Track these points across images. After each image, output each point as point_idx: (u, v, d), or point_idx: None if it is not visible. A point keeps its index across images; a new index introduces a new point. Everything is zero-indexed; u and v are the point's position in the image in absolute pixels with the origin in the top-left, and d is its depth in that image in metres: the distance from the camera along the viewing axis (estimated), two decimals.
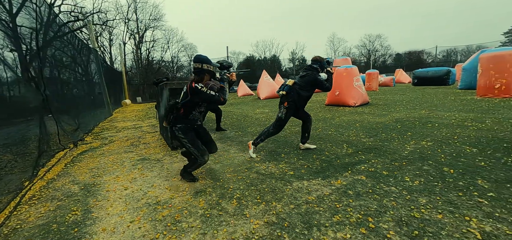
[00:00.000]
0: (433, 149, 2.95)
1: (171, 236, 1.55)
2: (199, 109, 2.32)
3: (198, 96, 2.14)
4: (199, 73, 2.20)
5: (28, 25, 4.37)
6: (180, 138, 2.26)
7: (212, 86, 2.21)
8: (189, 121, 2.29)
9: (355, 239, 1.42)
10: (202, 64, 2.18)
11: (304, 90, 3.07)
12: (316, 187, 2.13)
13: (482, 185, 2.00)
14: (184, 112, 2.25)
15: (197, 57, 2.20)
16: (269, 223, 1.63)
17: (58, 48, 6.08)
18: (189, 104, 2.21)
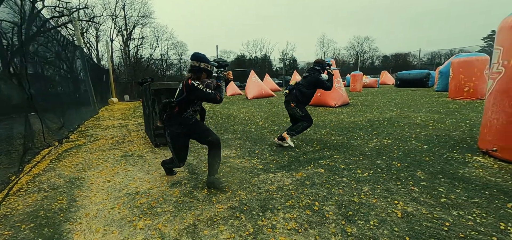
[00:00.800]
0: (390, 146, 3.33)
1: (146, 219, 1.81)
2: (194, 107, 2.27)
3: (194, 94, 2.09)
4: (196, 71, 2.16)
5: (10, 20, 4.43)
6: (168, 142, 2.31)
7: (208, 84, 2.17)
8: (183, 119, 2.24)
9: (299, 218, 1.73)
10: (200, 62, 2.15)
11: (307, 89, 3.45)
12: (279, 178, 2.44)
13: (419, 176, 2.37)
14: (179, 110, 2.20)
15: (195, 55, 2.17)
16: (231, 207, 1.92)
17: (42, 44, 6.12)
18: (184, 101, 2.17)
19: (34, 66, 5.54)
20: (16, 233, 1.71)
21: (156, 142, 4.06)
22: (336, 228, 1.60)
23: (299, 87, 3.45)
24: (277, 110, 7.90)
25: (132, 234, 1.64)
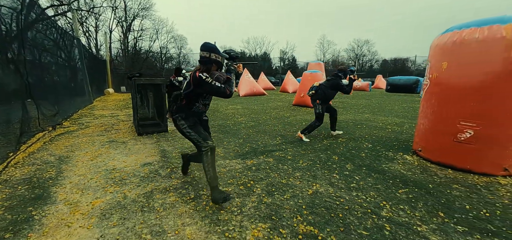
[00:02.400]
0: (340, 144, 3.87)
1: (115, 186, 2.34)
2: (203, 101, 2.15)
3: (202, 87, 1.96)
4: (206, 63, 2.04)
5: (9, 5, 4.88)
6: (181, 125, 2.09)
7: (218, 77, 2.04)
8: (193, 113, 2.13)
9: (233, 191, 2.27)
10: (210, 53, 2.03)
11: (329, 90, 4.11)
12: (232, 164, 2.97)
13: (347, 167, 2.90)
14: (187, 103, 2.10)
15: (205, 45, 2.06)
16: (184, 182, 2.45)
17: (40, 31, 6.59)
18: (191, 95, 2.05)
19: (32, 55, 6.03)
20: (14, 191, 2.24)
21: (139, 131, 4.58)
22: (256, 198, 2.14)
23: (323, 88, 4.13)
24: (262, 107, 8.42)
25: (102, 195, 2.17)
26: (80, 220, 1.80)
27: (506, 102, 2.43)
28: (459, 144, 2.71)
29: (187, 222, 1.79)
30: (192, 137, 2.09)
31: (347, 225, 1.76)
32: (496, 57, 2.41)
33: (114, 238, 1.60)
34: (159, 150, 3.55)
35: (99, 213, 1.89)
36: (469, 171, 2.69)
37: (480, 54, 2.48)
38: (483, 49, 2.46)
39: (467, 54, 2.57)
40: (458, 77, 2.69)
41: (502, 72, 2.40)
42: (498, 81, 2.43)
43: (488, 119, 2.52)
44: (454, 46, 2.68)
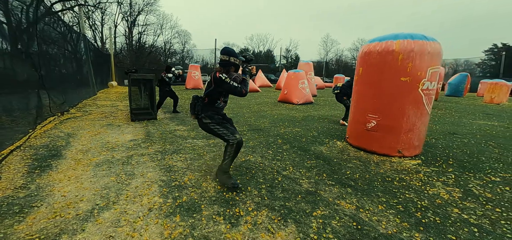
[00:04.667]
0: (293, 132, 4.78)
1: (107, 152, 3.33)
2: (224, 98, 2.42)
3: (222, 86, 2.23)
4: (226, 65, 2.31)
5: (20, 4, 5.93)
6: (208, 124, 2.36)
7: (235, 77, 2.31)
8: (215, 109, 2.39)
9: (188, 157, 3.22)
10: (229, 57, 2.29)
11: (349, 89, 5.31)
12: (197, 142, 3.93)
13: (284, 148, 3.81)
14: (209, 101, 2.35)
15: (226, 50, 2.33)
16: (156, 151, 3.43)
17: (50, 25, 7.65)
18: (213, 93, 2.32)
19: (44, 52, 7.11)
20: (37, 151, 3.26)
21: (132, 118, 5.59)
22: (202, 161, 3.09)
23: (346, 87, 5.57)
24: (248, 103, 9.35)
25: (98, 155, 3.17)
26: (81, 167, 2.79)
27: (397, 100, 3.30)
28: (368, 132, 3.59)
29: (150, 170, 2.76)
30: (219, 133, 2.35)
31: (254, 176, 2.69)
32: (389, 65, 3.28)
33: (101, 175, 2.58)
34: (145, 132, 4.54)
35: (94, 164, 2.89)
36: (375, 152, 3.57)
37: (379, 62, 3.36)
38: (381, 58, 3.33)
39: (372, 62, 3.45)
40: (367, 80, 3.57)
41: (393, 77, 3.27)
42: (390, 83, 3.30)
43: (385, 113, 3.40)
44: (365, 55, 3.56)
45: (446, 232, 1.83)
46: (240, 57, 2.40)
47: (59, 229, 1.72)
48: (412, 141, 3.40)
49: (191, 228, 1.78)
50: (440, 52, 3.24)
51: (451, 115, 7.85)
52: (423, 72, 3.16)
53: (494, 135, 5.14)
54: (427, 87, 3.23)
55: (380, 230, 1.84)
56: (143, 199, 2.16)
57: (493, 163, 3.39)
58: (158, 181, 2.53)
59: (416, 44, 3.11)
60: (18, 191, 2.23)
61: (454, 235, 1.81)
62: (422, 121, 3.37)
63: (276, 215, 1.97)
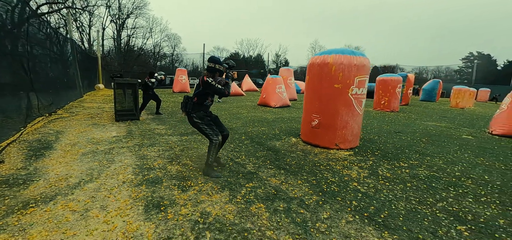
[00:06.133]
0: (261, 131, 5.54)
1: (92, 145, 3.98)
2: (211, 98, 2.93)
3: (208, 88, 2.74)
4: (212, 71, 2.80)
5: None
6: (198, 123, 2.85)
7: (219, 81, 2.79)
8: (204, 107, 2.89)
9: (161, 149, 3.92)
10: (215, 64, 2.79)
11: None
12: (172, 138, 4.63)
13: (245, 142, 4.57)
14: (198, 101, 2.84)
15: (212, 58, 2.84)
16: (135, 144, 4.11)
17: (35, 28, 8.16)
18: (201, 93, 2.83)
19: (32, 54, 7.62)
20: (30, 144, 3.87)
21: (117, 118, 6.22)
22: (172, 151, 3.80)
23: None
24: (229, 106, 10.09)
25: (84, 148, 3.82)
26: (70, 156, 3.45)
27: (332, 103, 4.13)
28: (313, 129, 4.40)
29: (127, 158, 3.46)
30: (206, 132, 2.87)
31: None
32: (326, 74, 4.11)
33: (87, 161, 3.26)
34: (127, 130, 5.20)
35: (81, 154, 3.55)
36: (318, 146, 4.38)
37: (319, 72, 4.19)
38: (321, 69, 4.17)
39: (314, 72, 4.28)
40: (311, 86, 4.40)
41: (328, 85, 4.10)
42: (327, 90, 4.13)
43: (324, 113, 4.22)
44: (310, 66, 4.39)
45: (336, 196, 2.62)
46: (224, 64, 2.92)
47: (54, 193, 2.39)
48: (346, 136, 4.23)
49: (152, 192, 2.49)
50: (365, 64, 4.10)
51: (409, 118, 8.86)
52: (351, 80, 4.00)
53: (432, 133, 6.09)
54: (356, 92, 4.08)
55: (290, 194, 2.60)
56: (119, 176, 2.86)
57: (411, 154, 4.26)
58: (133, 165, 3.22)
59: (345, 58, 3.96)
60: (20, 170, 2.88)
61: (340, 197, 2.60)
62: (354, 120, 4.21)
63: (217, 186, 2.71)
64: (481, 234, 2.07)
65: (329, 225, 2.08)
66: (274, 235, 1.90)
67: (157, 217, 2.06)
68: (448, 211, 2.41)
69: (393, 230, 2.06)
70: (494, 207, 2.55)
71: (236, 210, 2.23)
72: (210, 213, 2.16)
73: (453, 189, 2.92)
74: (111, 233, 1.84)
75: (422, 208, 2.45)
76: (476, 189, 2.96)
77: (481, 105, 19.92)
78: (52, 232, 1.82)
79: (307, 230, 2.00)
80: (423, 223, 2.19)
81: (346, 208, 2.38)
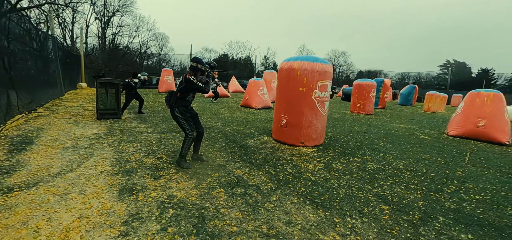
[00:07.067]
0: (237, 130, 5.96)
1: (73, 141, 4.24)
2: (192, 94, 3.31)
3: (190, 85, 3.13)
4: (194, 70, 3.19)
5: None
6: (178, 117, 3.23)
7: (201, 79, 3.19)
8: (186, 102, 3.27)
9: (140, 144, 4.25)
10: (197, 64, 3.19)
11: None
12: (151, 135, 4.95)
13: (220, 140, 4.96)
14: (181, 96, 3.22)
15: (195, 59, 3.24)
16: (116, 140, 4.41)
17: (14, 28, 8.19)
18: (184, 90, 3.20)
19: (13, 54, 7.65)
20: (12, 140, 4.09)
21: (98, 117, 6.43)
22: (149, 147, 4.14)
23: None
24: (212, 106, 10.44)
25: (65, 143, 4.09)
26: (51, 150, 3.72)
27: (298, 104, 4.62)
28: (282, 128, 4.87)
29: (106, 152, 3.77)
30: (184, 126, 3.24)
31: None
32: (292, 78, 4.59)
33: (67, 155, 3.55)
34: (108, 128, 5.46)
35: (62, 148, 3.82)
36: (286, 143, 4.86)
37: (287, 76, 4.67)
38: (288, 73, 4.65)
39: (283, 76, 4.76)
40: (280, 89, 4.88)
41: (294, 88, 4.59)
42: (293, 92, 4.62)
43: (291, 113, 4.70)
44: (280, 71, 4.87)
45: (288, 184, 3.08)
46: (206, 64, 3.30)
47: (37, 180, 2.70)
48: (311, 134, 4.73)
49: (126, 180, 2.84)
50: (327, 70, 4.63)
51: (380, 120, 9.58)
52: (314, 85, 4.51)
53: (394, 134, 6.75)
54: (318, 95, 4.59)
55: (249, 182, 3.04)
56: (97, 167, 3.18)
57: (368, 151, 4.82)
58: (111, 158, 3.55)
59: (308, 64, 4.46)
60: (3, 162, 3.14)
61: (292, 184, 3.06)
62: (317, 120, 4.71)
63: (186, 175, 3.10)
64: (399, 212, 2.59)
65: (275, 205, 2.52)
66: (227, 212, 2.32)
67: (129, 199, 2.43)
68: (379, 195, 2.93)
69: (327, 209, 2.53)
70: (420, 193, 3.10)
71: (199, 194, 2.64)
72: (176, 196, 2.55)
73: (391, 179, 3.46)
74: (87, 210, 2.19)
75: (359, 193, 2.95)
76: (411, 179, 3.52)
77: (452, 109, 21.34)
78: (35, 210, 2.15)
79: (256, 208, 2.43)
80: (355, 204, 2.69)
81: (294, 192, 2.84)
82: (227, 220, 2.18)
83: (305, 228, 2.16)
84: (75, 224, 1.98)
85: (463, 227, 2.38)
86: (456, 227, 2.37)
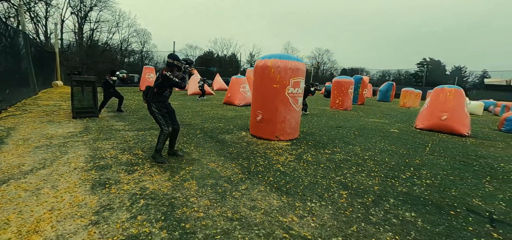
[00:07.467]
0: (216, 127, 6.11)
1: (47, 140, 4.22)
2: (169, 89, 3.43)
3: (166, 81, 3.24)
4: (170, 66, 3.32)
5: None
6: (155, 112, 3.34)
7: (177, 75, 3.30)
8: (163, 97, 3.40)
9: (116, 142, 4.31)
10: (173, 60, 3.33)
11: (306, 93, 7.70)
12: (129, 133, 5.00)
13: (198, 136, 5.11)
14: (158, 91, 3.34)
15: (171, 55, 3.37)
16: (94, 137, 4.43)
17: None
18: (161, 85, 3.32)
19: None
20: None
21: (74, 115, 6.34)
22: (126, 144, 4.22)
23: None
24: (195, 104, 10.48)
25: (37, 142, 4.06)
26: (22, 149, 3.70)
27: (272, 100, 4.85)
28: (258, 123, 5.10)
29: (81, 150, 3.81)
30: (159, 121, 3.37)
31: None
32: (266, 76, 4.81)
33: (40, 153, 3.56)
34: (84, 126, 5.43)
35: (34, 147, 3.81)
36: (262, 138, 5.09)
37: (262, 74, 4.89)
38: (263, 71, 4.87)
39: (258, 73, 4.98)
40: (256, 85, 5.10)
41: (268, 85, 4.82)
42: (268, 89, 4.84)
43: (266, 109, 4.94)
44: (255, 68, 5.08)
45: (258, 174, 3.30)
46: (182, 60, 3.45)
47: (7, 177, 2.73)
48: (285, 129, 4.99)
49: (100, 175, 2.94)
50: (300, 68, 4.89)
51: (357, 115, 10.09)
52: (287, 81, 4.76)
53: (366, 128, 7.19)
54: (291, 92, 4.85)
55: (221, 174, 3.23)
56: (71, 164, 3.24)
57: (339, 143, 5.15)
58: (86, 155, 3.60)
59: (281, 62, 4.70)
60: None
61: (262, 175, 3.28)
62: (291, 115, 4.98)
63: (160, 169, 3.24)
64: (356, 196, 2.88)
65: (243, 193, 2.73)
66: (196, 200, 2.50)
67: (101, 192, 2.55)
68: (341, 182, 3.22)
69: (291, 195, 2.78)
70: (378, 179, 3.43)
71: (171, 186, 2.79)
72: (148, 188, 2.70)
73: (355, 168, 3.78)
74: (59, 203, 2.29)
75: (322, 181, 3.23)
76: (373, 168, 3.86)
77: None
78: (5, 204, 2.22)
79: (224, 196, 2.63)
80: (317, 190, 2.95)
81: (262, 182, 3.07)
82: (195, 207, 2.36)
83: (267, 212, 2.39)
84: (46, 215, 2.08)
85: (409, 207, 2.71)
86: (403, 207, 2.69)
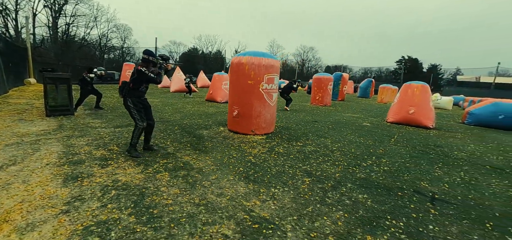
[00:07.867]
0: (195, 123, 6.25)
1: (18, 138, 4.19)
2: (145, 85, 3.54)
3: (142, 76, 3.35)
4: (146, 62, 3.42)
5: None
6: (130, 107, 3.44)
7: (152, 70, 3.42)
8: (139, 92, 3.50)
9: (93, 139, 4.36)
10: (148, 56, 3.43)
11: (287, 88, 8.89)
12: (103, 130, 5.04)
13: (176, 132, 5.23)
14: (134, 87, 3.43)
15: (146, 51, 3.45)
16: (63, 136, 4.45)
17: None
18: (136, 81, 3.41)
19: None
20: None
21: (48, 113, 6.22)
22: (101, 141, 4.28)
23: (286, 88, 9.86)
24: (176, 101, 10.49)
25: (8, 140, 4.03)
26: None
27: (247, 96, 5.07)
28: (234, 118, 5.30)
29: (54, 147, 3.84)
30: (134, 116, 3.48)
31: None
32: (241, 72, 5.02)
33: (10, 150, 3.56)
34: (59, 124, 5.38)
35: (4, 145, 3.80)
36: (238, 133, 5.30)
37: (237, 70, 5.09)
38: (238, 68, 5.07)
39: (234, 69, 5.18)
40: (232, 82, 5.30)
41: (244, 81, 5.03)
42: (243, 85, 5.06)
43: (242, 105, 5.15)
44: (232, 65, 5.27)
45: (230, 165, 3.51)
46: (157, 56, 3.56)
47: None
48: (260, 123, 5.23)
49: (72, 170, 3.03)
50: (274, 64, 5.14)
51: (335, 111, 10.56)
52: (261, 78, 5.00)
53: (341, 122, 7.60)
54: (266, 88, 5.10)
55: (193, 166, 3.41)
56: (43, 160, 3.29)
57: (312, 137, 5.48)
58: (59, 152, 3.65)
59: (256, 59, 4.93)
60: None
61: (233, 166, 3.50)
62: (266, 110, 5.23)
63: (134, 163, 3.37)
64: (317, 182, 3.17)
65: (212, 183, 2.94)
66: (166, 190, 2.68)
67: (74, 185, 2.66)
68: (306, 171, 3.51)
69: (257, 183, 3.02)
70: (340, 168, 3.75)
71: (143, 178, 2.94)
72: (121, 180, 2.84)
73: (322, 158, 4.10)
74: (30, 196, 2.38)
75: (289, 170, 3.50)
76: (338, 158, 4.19)
77: None
78: None
79: (194, 185, 2.83)
80: (282, 178, 3.21)
81: (232, 172, 3.29)
82: (165, 196, 2.54)
83: (232, 198, 2.61)
84: (17, 207, 2.18)
85: (363, 190, 3.03)
86: (358, 190, 3.01)
